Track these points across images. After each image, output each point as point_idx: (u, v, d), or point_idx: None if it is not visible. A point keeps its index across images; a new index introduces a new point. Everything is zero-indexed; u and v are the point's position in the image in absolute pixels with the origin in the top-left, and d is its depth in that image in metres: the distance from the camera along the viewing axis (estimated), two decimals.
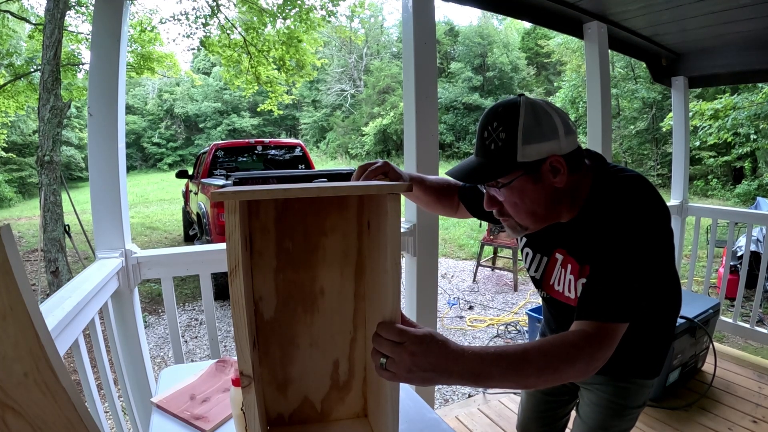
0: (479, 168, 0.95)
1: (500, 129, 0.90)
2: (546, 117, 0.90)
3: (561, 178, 0.92)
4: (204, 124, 27.04)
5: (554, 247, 1.09)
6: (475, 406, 2.48)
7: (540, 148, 0.89)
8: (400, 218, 0.80)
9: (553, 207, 0.97)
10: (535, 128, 0.89)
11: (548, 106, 0.92)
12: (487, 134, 0.93)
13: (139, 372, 1.69)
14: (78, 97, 8.70)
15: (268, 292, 0.91)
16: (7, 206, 16.36)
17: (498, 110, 0.92)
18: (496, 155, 0.91)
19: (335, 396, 0.98)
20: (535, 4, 2.31)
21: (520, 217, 0.98)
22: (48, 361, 0.57)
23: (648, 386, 1.14)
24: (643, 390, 1.13)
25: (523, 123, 0.89)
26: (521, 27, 25.88)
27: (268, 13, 7.67)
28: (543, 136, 0.89)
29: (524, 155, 0.89)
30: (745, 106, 9.92)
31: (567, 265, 1.04)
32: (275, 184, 0.89)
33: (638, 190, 0.93)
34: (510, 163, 0.90)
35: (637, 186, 0.94)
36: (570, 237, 1.03)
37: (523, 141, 0.89)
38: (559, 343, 0.82)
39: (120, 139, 1.57)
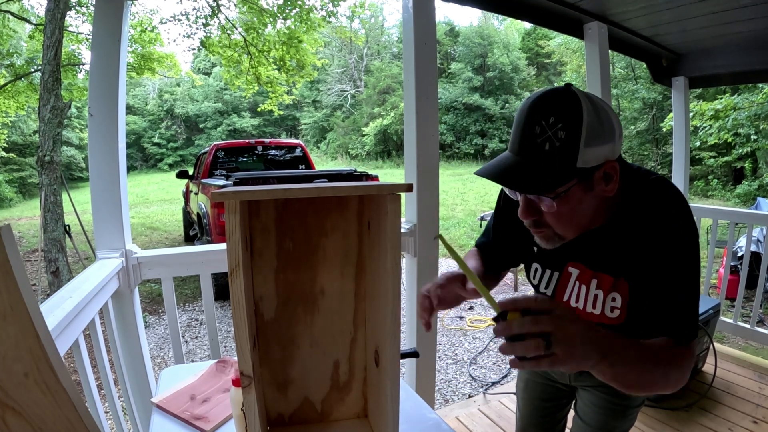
0: (527, 171, 0.78)
1: (559, 126, 0.75)
2: (605, 115, 0.77)
3: (613, 186, 0.80)
4: (204, 125, 27.05)
5: (566, 261, 1.00)
6: (476, 407, 2.47)
7: (599, 152, 0.76)
8: (401, 218, 0.79)
9: (594, 216, 0.86)
10: (598, 128, 0.75)
11: (602, 102, 0.79)
12: (539, 130, 0.76)
13: (140, 372, 1.69)
14: (78, 97, 8.70)
15: (269, 292, 0.91)
16: (8, 206, 16.36)
17: (554, 101, 0.76)
18: (552, 158, 0.76)
19: (335, 396, 0.98)
20: (535, 5, 2.31)
21: (562, 228, 0.85)
22: (48, 361, 0.57)
23: None
24: None
25: (588, 120, 0.74)
26: (521, 27, 25.88)
27: (268, 14, 7.67)
28: (604, 137, 0.76)
29: (584, 160, 0.76)
30: (745, 107, 9.91)
31: (591, 279, 0.94)
32: (275, 184, 0.88)
33: (673, 195, 0.84)
34: (568, 168, 0.76)
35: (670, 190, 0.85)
36: (591, 248, 0.93)
37: (586, 143, 0.75)
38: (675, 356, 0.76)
39: (120, 140, 1.58)
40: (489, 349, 3.81)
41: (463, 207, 11.27)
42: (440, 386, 3.27)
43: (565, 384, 1.23)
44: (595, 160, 0.77)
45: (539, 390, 1.30)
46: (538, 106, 0.77)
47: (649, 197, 0.85)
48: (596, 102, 0.78)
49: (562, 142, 0.75)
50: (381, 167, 22.01)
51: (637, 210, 0.85)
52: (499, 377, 3.35)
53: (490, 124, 23.75)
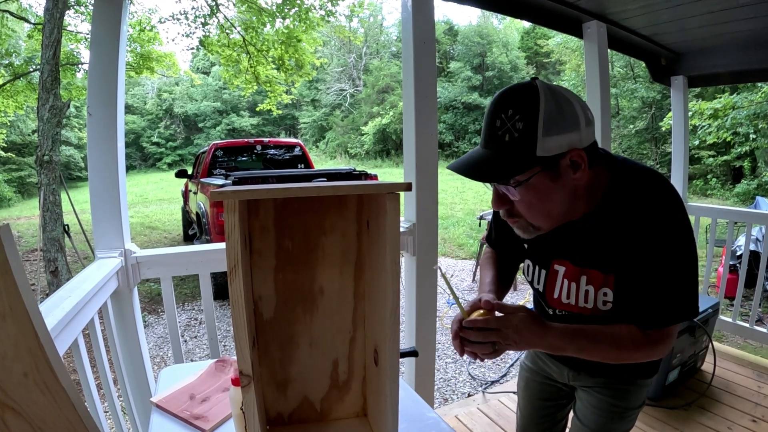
0: (490, 162, 0.82)
1: (517, 117, 0.78)
2: (567, 105, 0.79)
3: (581, 174, 0.83)
4: (203, 124, 27.03)
5: (551, 258, 1.02)
6: (475, 406, 2.48)
7: (561, 140, 0.79)
8: (400, 217, 0.80)
9: (569, 206, 0.87)
10: (557, 117, 0.78)
11: (567, 92, 0.82)
12: (500, 123, 0.80)
13: (139, 372, 1.69)
14: (77, 96, 8.68)
15: (268, 292, 0.91)
16: (7, 206, 16.34)
17: (513, 95, 0.80)
18: (512, 148, 0.79)
19: (335, 395, 0.98)
20: (534, 4, 2.31)
21: (533, 218, 0.87)
22: (48, 361, 0.57)
23: (647, 385, 1.12)
24: (643, 390, 1.12)
25: (545, 111, 0.77)
26: (521, 26, 25.89)
27: (267, 13, 7.66)
28: (565, 126, 0.79)
29: (544, 149, 0.78)
30: (744, 106, 9.92)
31: (580, 276, 0.96)
32: (274, 184, 0.88)
33: (659, 186, 0.86)
34: (528, 157, 0.79)
35: (656, 181, 0.87)
36: (577, 243, 0.95)
37: (544, 132, 0.77)
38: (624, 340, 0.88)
39: (119, 139, 1.57)
40: None
41: (463, 206, 11.27)
42: (439, 385, 3.28)
43: (564, 383, 1.23)
44: (558, 149, 0.79)
45: (538, 389, 1.30)
46: (500, 101, 0.81)
47: (634, 189, 0.86)
48: (559, 93, 0.80)
49: (520, 133, 0.78)
50: (380, 166, 22.00)
51: (623, 202, 0.86)
52: (499, 376, 3.36)
53: None
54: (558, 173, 0.82)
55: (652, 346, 0.87)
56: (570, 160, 0.81)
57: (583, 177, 0.83)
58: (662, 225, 0.83)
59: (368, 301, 0.92)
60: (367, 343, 0.94)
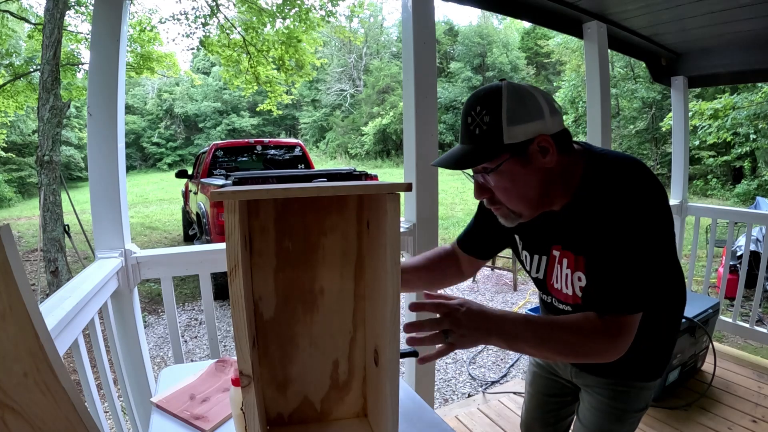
0: (465, 154, 0.91)
1: (484, 112, 0.88)
2: (530, 97, 0.88)
3: (551, 158, 0.89)
4: (203, 124, 27.03)
5: (550, 244, 1.05)
6: (475, 406, 2.48)
7: (526, 128, 0.87)
8: (400, 218, 0.80)
9: (545, 191, 0.93)
10: (519, 108, 0.87)
11: (532, 88, 0.90)
12: (470, 119, 0.90)
13: (139, 372, 1.69)
14: (77, 96, 8.68)
15: (268, 292, 0.91)
16: (7, 206, 16.34)
17: (480, 95, 0.90)
18: (482, 139, 0.89)
19: (335, 396, 0.98)
20: (534, 4, 2.31)
21: (512, 203, 0.94)
22: (48, 361, 0.57)
23: (649, 389, 1.11)
24: (644, 393, 1.11)
25: (507, 104, 0.86)
26: (521, 27, 25.89)
27: (267, 13, 7.66)
28: (528, 116, 0.87)
29: (510, 136, 0.87)
30: (744, 106, 9.92)
31: (563, 260, 1.01)
32: (275, 184, 0.88)
33: (633, 172, 0.90)
34: (497, 145, 0.88)
35: (631, 168, 0.91)
36: (564, 229, 1.00)
37: (509, 122, 0.86)
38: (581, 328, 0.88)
39: (119, 139, 1.57)
40: (488, 348, 3.81)
41: (463, 206, 11.27)
42: (440, 385, 3.28)
43: (568, 380, 1.23)
44: (524, 135, 0.87)
45: (543, 384, 1.31)
46: (470, 102, 0.91)
47: (609, 175, 0.91)
48: (521, 88, 0.89)
49: (488, 125, 0.88)
50: (380, 167, 22.01)
51: (597, 188, 0.91)
52: (499, 376, 3.36)
53: None
54: (527, 158, 0.89)
55: (610, 337, 0.87)
56: (538, 145, 0.88)
57: (552, 160, 0.90)
58: (628, 214, 0.86)
59: (369, 302, 0.92)
60: (368, 343, 0.94)
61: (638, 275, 0.87)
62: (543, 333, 0.88)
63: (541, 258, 1.09)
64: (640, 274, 0.87)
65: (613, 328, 0.87)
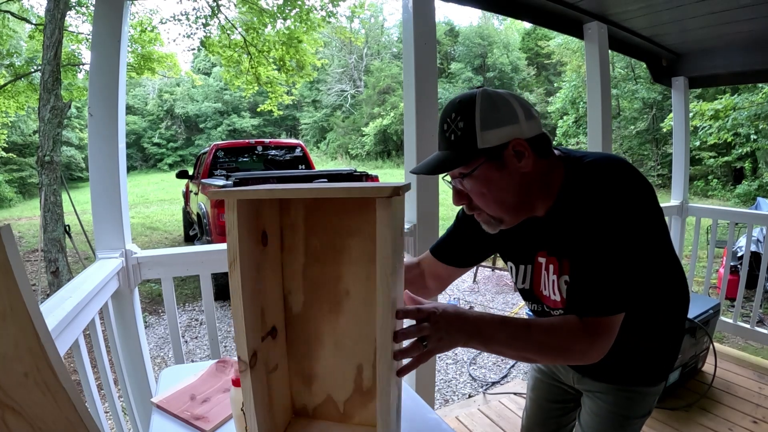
0: (441, 159, 0.92)
1: (458, 119, 0.89)
2: (503, 103, 0.89)
3: (526, 162, 0.90)
4: (204, 125, 27.05)
5: (535, 251, 1.04)
6: (475, 407, 2.47)
7: (500, 133, 0.87)
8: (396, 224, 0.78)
9: (524, 195, 0.93)
10: (492, 114, 0.87)
11: (507, 94, 0.91)
12: (446, 126, 0.91)
13: (140, 372, 1.69)
14: (78, 97, 8.69)
15: (296, 288, 0.92)
16: (8, 206, 16.36)
17: (455, 102, 0.91)
18: (457, 145, 0.90)
19: (358, 400, 0.95)
20: (535, 5, 2.31)
21: (490, 209, 0.94)
22: (48, 361, 0.57)
23: (652, 394, 1.09)
24: (647, 399, 1.09)
25: (480, 109, 0.87)
26: (521, 27, 25.89)
27: (268, 14, 7.67)
28: (502, 121, 0.88)
29: (484, 141, 0.87)
30: (745, 107, 9.92)
31: (549, 265, 1.00)
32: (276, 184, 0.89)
33: (613, 172, 0.89)
34: (471, 150, 0.88)
35: (612, 167, 0.90)
36: (548, 235, 0.99)
37: (482, 127, 0.87)
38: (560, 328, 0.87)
39: (120, 140, 1.57)
40: None
41: None
42: (440, 386, 3.28)
43: (570, 386, 1.22)
44: (498, 140, 0.88)
45: (545, 390, 1.29)
46: (446, 109, 0.92)
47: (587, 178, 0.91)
48: (495, 94, 0.90)
49: (462, 131, 0.89)
50: (381, 167, 22.01)
51: (577, 191, 0.91)
52: (499, 377, 3.36)
53: None
54: (503, 163, 0.89)
55: (589, 337, 0.86)
56: (513, 149, 0.89)
57: (528, 164, 0.90)
58: (607, 213, 0.86)
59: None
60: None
61: (618, 276, 0.86)
62: (519, 334, 0.87)
63: (527, 267, 1.08)
64: (619, 274, 0.86)
65: (592, 329, 0.86)
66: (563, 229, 0.94)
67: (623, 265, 0.86)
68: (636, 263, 0.87)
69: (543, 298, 1.05)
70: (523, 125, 0.89)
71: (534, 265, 1.05)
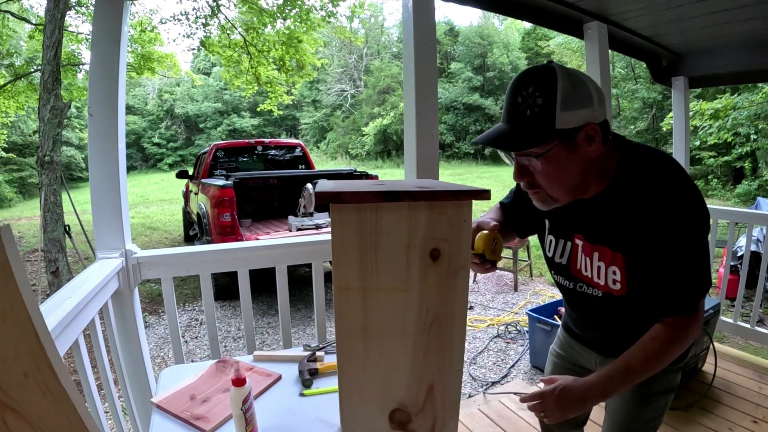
0: (512, 135, 0.89)
1: (537, 94, 0.85)
2: (581, 84, 0.87)
3: (596, 148, 0.89)
4: (204, 125, 27.06)
5: (573, 232, 1.05)
6: (476, 407, 2.47)
7: (578, 115, 0.86)
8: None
9: (584, 179, 0.93)
10: (573, 94, 0.85)
11: (583, 75, 0.89)
12: (521, 99, 0.87)
13: (140, 372, 1.69)
14: (78, 97, 8.69)
15: None
16: (8, 206, 16.36)
17: (532, 75, 0.88)
18: (532, 122, 0.86)
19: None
20: (535, 5, 2.31)
21: (552, 189, 0.93)
22: (48, 361, 0.57)
23: (673, 371, 1.11)
24: (668, 375, 1.10)
25: (562, 88, 0.84)
26: (521, 27, 25.91)
27: (268, 14, 7.66)
28: (581, 102, 0.86)
29: (562, 122, 0.85)
30: (745, 106, 9.91)
31: (593, 252, 1.00)
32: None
33: (672, 168, 0.89)
34: (547, 130, 0.86)
35: (669, 164, 0.90)
36: (589, 219, 1.00)
37: (562, 107, 0.84)
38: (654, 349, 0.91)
39: (120, 140, 1.57)
40: (489, 349, 3.81)
41: None
42: None
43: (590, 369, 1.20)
44: (575, 122, 0.86)
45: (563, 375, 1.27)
46: (520, 80, 0.89)
47: (643, 170, 0.91)
48: (573, 73, 0.87)
49: (540, 108, 0.85)
50: (381, 167, 22.02)
51: (631, 182, 0.91)
52: (499, 377, 3.35)
53: (490, 124, 23.70)
54: (575, 145, 0.88)
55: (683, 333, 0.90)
56: (586, 133, 0.87)
57: (597, 150, 0.89)
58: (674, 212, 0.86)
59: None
60: None
61: (694, 273, 0.88)
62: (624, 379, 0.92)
63: (566, 243, 1.08)
64: (695, 271, 0.88)
65: (683, 325, 0.90)
66: (612, 217, 0.94)
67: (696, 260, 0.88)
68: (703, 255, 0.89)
69: (582, 277, 1.05)
70: (596, 109, 0.88)
71: (572, 245, 1.06)
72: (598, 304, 1.05)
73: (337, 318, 0.74)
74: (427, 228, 0.72)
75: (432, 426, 0.81)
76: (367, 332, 0.75)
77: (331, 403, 1.15)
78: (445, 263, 0.73)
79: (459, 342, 0.79)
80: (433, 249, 0.73)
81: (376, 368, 0.77)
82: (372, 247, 0.71)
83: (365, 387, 0.78)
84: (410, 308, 0.75)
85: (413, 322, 0.75)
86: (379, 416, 0.79)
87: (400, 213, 0.71)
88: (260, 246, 1.86)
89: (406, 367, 0.77)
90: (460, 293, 0.76)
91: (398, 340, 0.76)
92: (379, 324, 0.75)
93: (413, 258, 0.72)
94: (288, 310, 1.89)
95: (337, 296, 0.73)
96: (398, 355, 0.77)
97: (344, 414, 0.79)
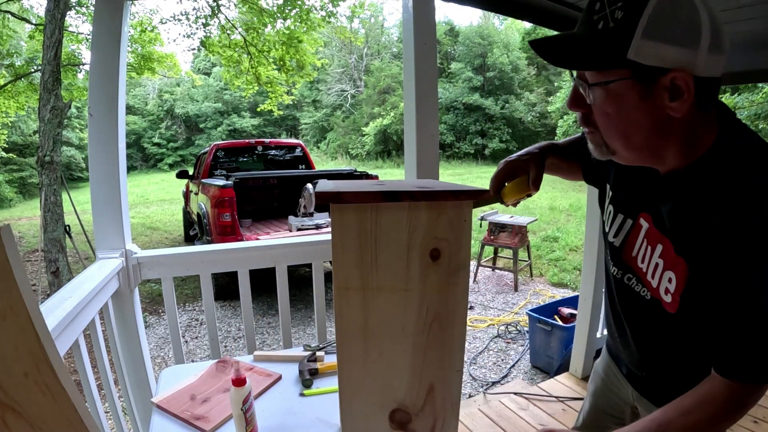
0: (573, 45, 0.70)
1: (619, 5, 0.64)
2: (690, 10, 0.62)
3: (680, 106, 0.65)
4: (204, 125, 27.09)
5: (640, 209, 0.84)
6: (476, 407, 2.47)
7: (665, 51, 0.63)
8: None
9: (655, 141, 0.71)
10: (668, 20, 0.62)
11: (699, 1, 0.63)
12: (599, 6, 0.67)
13: (140, 372, 1.69)
14: (78, 97, 8.70)
15: None
16: (8, 206, 16.37)
17: None
18: (603, 37, 0.66)
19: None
20: (535, 4, 2.31)
21: (608, 135, 0.73)
22: (48, 361, 0.57)
23: None
24: None
25: (655, 7, 0.62)
26: (522, 27, 25.90)
27: (268, 14, 7.67)
28: (674, 35, 0.62)
29: (639, 52, 0.63)
30: (745, 106, 9.92)
31: (657, 243, 0.79)
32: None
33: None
34: (617, 54, 0.65)
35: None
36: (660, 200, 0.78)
37: (645, 32, 0.62)
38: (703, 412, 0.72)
39: (120, 140, 1.58)
40: (489, 349, 3.81)
41: None
42: None
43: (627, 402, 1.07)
44: (657, 60, 0.63)
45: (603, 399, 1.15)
46: None
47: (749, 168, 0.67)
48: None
49: (617, 23, 0.65)
50: (381, 167, 22.03)
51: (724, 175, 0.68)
52: (499, 377, 3.35)
53: (490, 124, 23.78)
54: (650, 91, 0.66)
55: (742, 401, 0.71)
56: (671, 81, 0.64)
57: (680, 109, 0.66)
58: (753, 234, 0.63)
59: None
60: None
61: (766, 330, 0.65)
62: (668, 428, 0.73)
63: (626, 220, 0.88)
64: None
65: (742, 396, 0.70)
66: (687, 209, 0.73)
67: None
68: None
69: (635, 268, 0.85)
70: (701, 55, 0.63)
71: (634, 224, 0.85)
72: (644, 309, 0.84)
73: (337, 318, 0.74)
74: (427, 228, 0.71)
75: (432, 426, 0.81)
76: (367, 332, 0.75)
77: (331, 403, 1.15)
78: (445, 263, 0.73)
79: (459, 342, 0.79)
80: (433, 249, 0.73)
81: (376, 368, 0.77)
82: (372, 247, 0.71)
83: (365, 387, 0.78)
84: (410, 308, 0.75)
85: (413, 322, 0.75)
86: (379, 416, 0.79)
87: (400, 213, 0.70)
88: (260, 246, 1.86)
89: (407, 367, 0.77)
90: (460, 293, 0.76)
91: (398, 340, 0.76)
92: (379, 324, 0.75)
93: (413, 258, 0.72)
94: (288, 310, 1.89)
95: (337, 296, 0.73)
96: (398, 355, 0.77)
97: (344, 414, 0.79)
